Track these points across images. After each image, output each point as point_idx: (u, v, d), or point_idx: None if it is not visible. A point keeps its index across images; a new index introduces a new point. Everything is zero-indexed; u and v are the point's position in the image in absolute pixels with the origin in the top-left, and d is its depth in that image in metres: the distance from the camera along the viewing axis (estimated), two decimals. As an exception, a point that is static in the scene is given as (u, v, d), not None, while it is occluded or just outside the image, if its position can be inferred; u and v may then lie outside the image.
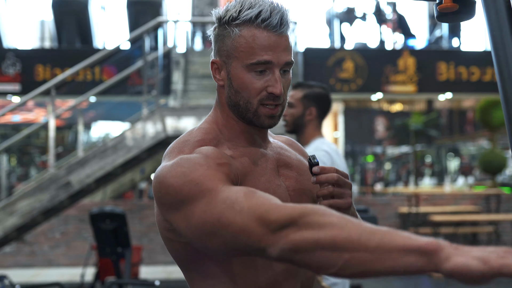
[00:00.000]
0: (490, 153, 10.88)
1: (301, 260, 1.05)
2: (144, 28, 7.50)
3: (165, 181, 1.24)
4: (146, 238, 9.26)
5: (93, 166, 6.48)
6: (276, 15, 1.30)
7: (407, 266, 0.95)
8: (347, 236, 1.00)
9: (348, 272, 1.01)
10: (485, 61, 10.71)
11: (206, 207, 1.17)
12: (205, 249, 1.24)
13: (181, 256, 1.35)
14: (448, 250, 0.93)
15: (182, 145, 1.34)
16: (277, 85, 1.32)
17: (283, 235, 1.06)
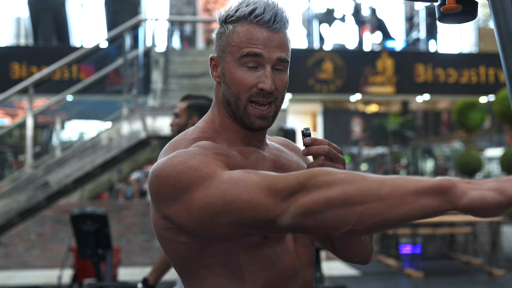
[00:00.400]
0: (467, 154, 11.00)
1: (314, 223, 1.01)
2: (124, 27, 7.42)
3: (162, 172, 1.21)
4: (124, 239, 9.16)
5: (72, 166, 6.38)
6: (270, 12, 1.30)
7: (423, 208, 0.92)
8: (358, 189, 0.97)
9: (364, 226, 0.98)
10: (461, 63, 10.83)
11: (207, 190, 1.13)
12: (210, 236, 1.19)
13: (178, 257, 1.30)
14: (461, 185, 0.91)
15: (178, 143, 1.32)
16: (267, 80, 1.29)
17: (293, 201, 1.03)
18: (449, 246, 9.72)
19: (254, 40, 1.29)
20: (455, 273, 8.65)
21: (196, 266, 1.29)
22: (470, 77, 10.74)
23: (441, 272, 8.71)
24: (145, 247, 9.12)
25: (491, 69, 10.78)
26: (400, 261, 9.09)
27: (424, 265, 8.71)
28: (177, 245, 1.28)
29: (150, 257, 9.07)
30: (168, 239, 1.28)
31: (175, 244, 1.28)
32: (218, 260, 1.27)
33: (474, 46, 11.76)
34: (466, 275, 8.46)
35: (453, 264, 9.22)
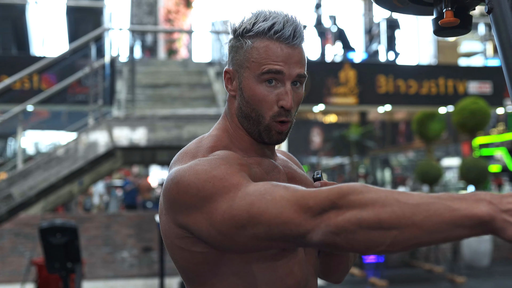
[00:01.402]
0: (427, 164, 11.21)
1: (346, 242, 1.02)
2: (89, 36, 7.33)
3: (184, 180, 1.19)
4: (87, 252, 8.98)
5: (37, 178, 6.24)
6: (289, 27, 1.30)
7: (459, 236, 0.94)
8: (391, 213, 0.98)
9: (398, 248, 0.99)
10: (421, 75, 11.06)
11: (232, 201, 1.13)
12: (233, 248, 1.18)
13: (192, 267, 1.28)
14: (500, 217, 0.91)
15: (194, 151, 1.31)
16: (287, 98, 1.31)
17: (324, 219, 1.03)
18: (411, 254, 9.87)
19: (274, 57, 1.30)
20: (418, 281, 8.78)
21: (210, 276, 1.27)
22: (430, 88, 10.98)
23: (405, 280, 8.84)
24: (108, 260, 8.97)
25: (450, 81, 11.05)
26: (364, 270, 9.18)
27: (387, 273, 8.82)
28: (192, 255, 1.26)
29: (114, 270, 8.93)
30: (182, 249, 1.26)
31: (190, 254, 1.26)
32: (233, 270, 1.26)
33: (433, 58, 12.04)
34: (429, 283, 8.60)
35: (416, 272, 9.36)
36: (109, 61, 8.22)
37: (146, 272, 8.85)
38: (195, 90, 9.67)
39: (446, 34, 1.51)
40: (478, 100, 10.36)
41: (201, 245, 1.23)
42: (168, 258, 8.30)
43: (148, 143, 7.15)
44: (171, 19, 15.74)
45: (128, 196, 14.19)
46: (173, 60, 13.85)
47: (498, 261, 9.97)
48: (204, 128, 7.26)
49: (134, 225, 8.85)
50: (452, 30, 1.46)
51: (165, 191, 1.24)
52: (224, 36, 9.78)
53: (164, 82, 9.67)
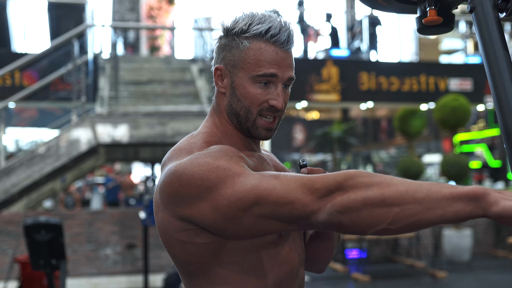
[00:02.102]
0: (408, 160, 11.31)
1: (350, 220, 1.06)
2: (72, 33, 7.29)
3: (186, 172, 1.22)
4: (70, 249, 8.92)
5: (20, 175, 6.20)
6: (285, 32, 1.36)
7: (457, 213, 0.98)
8: (395, 191, 1.02)
9: (398, 226, 1.02)
10: (403, 72, 11.15)
11: (237, 185, 1.17)
12: (237, 232, 1.21)
13: (193, 258, 1.31)
14: (494, 194, 0.97)
15: (188, 147, 1.34)
16: (279, 99, 1.37)
17: (330, 199, 1.07)
18: (393, 250, 9.97)
19: (270, 60, 1.35)
20: (399, 276, 8.87)
21: (211, 267, 1.31)
22: (412, 85, 11.07)
23: (387, 275, 8.92)
24: (92, 257, 8.93)
25: (431, 78, 11.15)
26: (347, 265, 9.25)
27: (370, 269, 8.90)
28: (194, 246, 1.29)
29: (97, 267, 8.89)
30: (184, 242, 1.29)
31: (193, 245, 1.29)
32: (233, 259, 1.30)
33: (414, 55, 12.14)
34: (410, 278, 8.69)
35: (398, 267, 9.45)
36: (92, 58, 8.18)
37: (130, 269, 8.83)
38: (178, 87, 9.66)
39: (429, 32, 1.54)
40: (459, 97, 10.47)
41: (204, 235, 1.27)
42: (152, 255, 8.30)
43: (131, 139, 7.14)
44: (154, 15, 15.68)
45: (110, 193, 14.14)
46: (155, 57, 13.81)
47: (478, 256, 10.11)
48: (187, 125, 7.27)
49: (117, 222, 8.82)
50: (435, 29, 1.49)
51: (164, 186, 1.27)
52: (207, 33, 9.78)
53: (147, 79, 9.65)
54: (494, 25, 1.35)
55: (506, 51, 1.33)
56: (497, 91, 1.36)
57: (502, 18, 1.36)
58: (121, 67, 9.50)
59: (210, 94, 8.90)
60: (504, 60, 1.31)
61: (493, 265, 9.37)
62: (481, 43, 1.38)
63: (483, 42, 1.37)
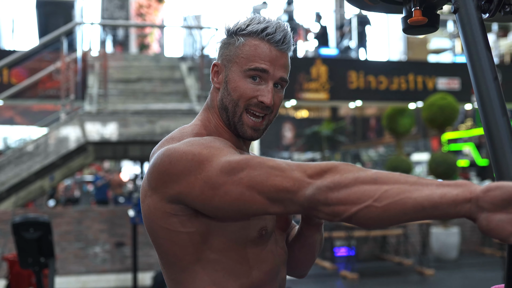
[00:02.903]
0: (397, 158, 11.38)
1: (336, 197, 1.06)
2: (61, 30, 7.26)
3: (178, 150, 1.24)
4: (58, 247, 8.90)
5: (8, 173, 6.18)
6: (281, 33, 1.39)
7: (443, 194, 0.98)
8: (388, 174, 1.05)
9: (384, 203, 1.02)
10: (392, 71, 11.19)
11: (230, 157, 1.19)
12: (221, 204, 1.19)
13: (176, 250, 1.31)
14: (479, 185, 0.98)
15: (180, 135, 1.36)
16: (268, 95, 1.38)
17: (321, 177, 1.09)
18: (382, 247, 10.02)
19: (263, 56, 1.38)
20: (388, 273, 8.92)
21: (192, 261, 1.32)
22: (400, 84, 11.12)
23: (375, 273, 8.97)
24: (80, 255, 8.91)
25: (420, 77, 11.21)
26: (335, 263, 9.29)
27: (358, 266, 8.94)
28: (178, 235, 1.30)
29: (86, 265, 8.88)
30: (168, 230, 1.30)
31: (176, 235, 1.29)
32: (215, 256, 1.31)
33: (403, 55, 12.20)
34: (398, 275, 8.74)
35: (386, 265, 9.51)
36: (80, 56, 8.15)
37: (119, 267, 8.82)
38: (167, 85, 9.65)
39: (414, 32, 1.57)
40: (446, 96, 10.53)
41: (189, 224, 1.28)
42: (141, 253, 8.30)
43: (120, 137, 7.13)
44: (143, 13, 15.63)
45: (99, 191, 14.10)
46: (145, 55, 13.77)
47: (466, 254, 10.19)
48: (177, 123, 7.27)
49: (106, 220, 8.81)
50: (420, 29, 1.51)
51: (153, 169, 1.28)
52: (197, 31, 9.77)
53: (136, 77, 9.63)
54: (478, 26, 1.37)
55: (489, 52, 1.34)
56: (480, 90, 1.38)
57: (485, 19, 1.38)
58: (110, 65, 9.47)
59: (199, 92, 8.89)
60: (487, 60, 1.33)
61: (480, 263, 9.44)
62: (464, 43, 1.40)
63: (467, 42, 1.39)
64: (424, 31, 1.54)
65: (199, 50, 9.21)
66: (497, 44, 13.12)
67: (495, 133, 1.18)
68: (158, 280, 7.04)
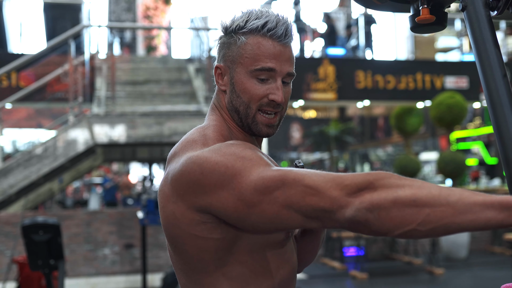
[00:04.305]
0: (405, 158, 11.34)
1: (377, 219, 1.03)
2: (68, 33, 7.29)
3: (210, 160, 1.20)
4: (68, 249, 8.93)
5: (17, 176, 6.21)
6: (282, 26, 1.36)
7: (488, 220, 0.96)
8: (428, 193, 1.00)
9: (427, 228, 1.00)
10: (399, 70, 11.16)
11: (264, 172, 1.15)
12: (255, 221, 1.17)
13: (201, 256, 1.28)
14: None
15: (203, 139, 1.32)
16: (278, 92, 1.36)
17: (359, 196, 1.05)
18: (391, 247, 9.99)
19: (267, 54, 1.34)
20: (397, 273, 8.88)
21: (219, 266, 1.29)
22: (408, 83, 11.08)
23: (385, 272, 8.94)
24: (90, 257, 8.93)
25: (427, 76, 11.16)
26: (344, 263, 9.27)
27: (368, 266, 8.91)
28: (206, 242, 1.27)
29: (95, 267, 8.90)
30: (196, 236, 1.27)
31: (204, 241, 1.27)
32: (241, 259, 1.29)
33: (410, 54, 12.16)
34: (408, 275, 8.71)
35: (396, 264, 9.47)
36: (88, 58, 8.18)
37: (128, 269, 8.84)
38: (175, 87, 9.66)
39: (422, 31, 1.55)
40: (455, 95, 10.49)
41: (218, 231, 1.25)
42: (150, 255, 8.31)
43: (128, 139, 7.14)
44: (150, 15, 15.67)
45: (107, 193, 14.13)
46: (152, 56, 13.80)
47: (476, 253, 10.13)
48: (184, 124, 7.27)
49: (115, 222, 8.83)
50: (428, 27, 1.49)
51: (181, 176, 1.24)
52: (204, 33, 9.79)
53: (143, 79, 9.65)
54: (486, 24, 1.36)
55: (498, 49, 1.33)
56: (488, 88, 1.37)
57: (494, 17, 1.37)
58: (117, 67, 9.49)
59: (207, 94, 8.90)
60: (495, 58, 1.32)
61: (490, 262, 9.39)
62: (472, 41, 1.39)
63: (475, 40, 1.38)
64: (432, 29, 1.53)
65: (206, 51, 9.21)
66: (505, 42, 13.05)
67: (505, 131, 1.17)
68: (168, 281, 7.04)
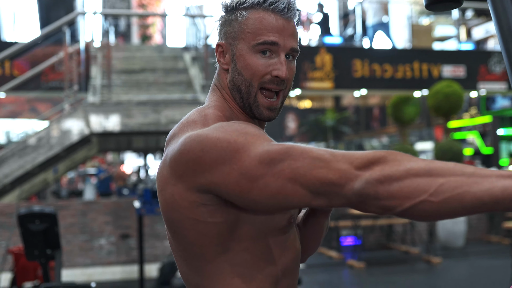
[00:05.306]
0: (402, 147, 11.30)
1: (387, 190, 0.98)
2: (62, 21, 7.20)
3: (211, 136, 1.14)
4: (64, 239, 8.86)
5: (12, 165, 6.13)
6: (284, 0, 1.30)
7: (505, 188, 0.90)
8: (443, 164, 0.96)
9: (441, 198, 0.94)
10: (396, 59, 11.11)
11: (269, 146, 1.10)
12: (258, 197, 1.11)
13: (201, 241, 1.23)
14: None
15: (203, 119, 1.26)
16: (282, 68, 1.29)
17: (370, 169, 1.00)
18: (388, 236, 9.98)
19: (270, 27, 1.29)
20: (395, 262, 8.88)
21: (219, 252, 1.24)
22: (405, 72, 11.04)
23: (382, 262, 8.94)
24: (86, 248, 8.87)
25: (425, 64, 11.13)
26: (342, 252, 9.26)
27: (365, 255, 8.91)
28: (206, 226, 1.21)
29: (91, 257, 8.85)
30: (196, 220, 1.21)
31: (205, 225, 1.21)
32: (242, 246, 1.25)
33: (407, 42, 12.11)
34: (405, 264, 8.71)
35: (393, 254, 9.47)
36: (83, 47, 8.08)
37: (125, 259, 8.79)
38: (171, 75, 9.59)
39: (438, 8, 1.49)
40: (452, 84, 10.45)
41: (218, 214, 1.20)
42: (147, 245, 8.26)
43: (124, 128, 7.07)
44: (145, 4, 15.55)
45: (102, 184, 14.08)
46: (148, 45, 13.70)
47: (473, 242, 10.14)
48: (182, 112, 7.20)
49: (111, 212, 8.76)
50: (444, 4, 1.45)
51: (180, 155, 1.18)
52: (200, 20, 9.70)
53: (139, 68, 9.57)
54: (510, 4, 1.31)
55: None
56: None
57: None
58: (113, 56, 9.40)
59: (204, 82, 8.83)
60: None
61: (487, 251, 9.41)
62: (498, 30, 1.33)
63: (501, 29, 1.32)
64: (448, 6, 1.47)
65: (203, 39, 9.13)
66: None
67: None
68: (165, 271, 7.00)
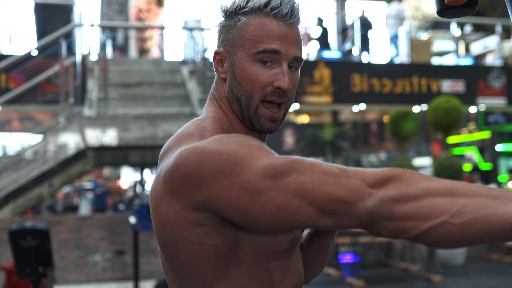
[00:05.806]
0: (400, 163, 11.22)
1: (403, 210, 0.89)
2: (59, 33, 7.13)
3: (210, 148, 1.05)
4: (57, 255, 8.72)
5: (5, 179, 6.01)
6: (287, 5, 1.21)
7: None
8: (464, 185, 0.88)
9: (462, 220, 0.85)
10: (395, 74, 11.07)
11: (273, 159, 1.01)
12: (259, 213, 1.00)
13: (198, 265, 1.13)
14: None
15: (200, 131, 1.17)
16: (284, 78, 1.20)
17: (383, 186, 0.92)
18: (387, 254, 9.85)
19: (271, 35, 1.20)
20: (394, 280, 8.76)
21: (216, 277, 1.14)
22: (404, 87, 10.99)
23: (381, 280, 8.81)
24: (80, 264, 8.73)
25: (424, 79, 11.09)
26: (340, 270, 9.12)
27: (364, 273, 8.78)
28: (203, 248, 1.11)
29: (85, 274, 8.70)
30: (192, 242, 1.11)
31: (201, 247, 1.11)
32: (242, 270, 1.14)
33: (406, 57, 12.08)
34: (405, 282, 8.59)
35: (392, 271, 9.34)
36: (80, 59, 8.00)
37: (119, 276, 8.65)
38: (169, 89, 9.51)
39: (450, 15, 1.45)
40: (451, 99, 10.40)
41: (215, 235, 1.10)
42: (142, 261, 8.12)
43: (121, 142, 6.97)
44: (143, 18, 15.52)
45: (98, 199, 13.94)
46: (145, 59, 13.65)
47: (473, 260, 10.04)
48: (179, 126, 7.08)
49: (106, 227, 8.64)
50: (457, 10, 1.37)
51: (174, 170, 1.09)
52: (198, 34, 9.64)
53: (136, 81, 9.49)
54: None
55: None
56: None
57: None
58: (110, 69, 9.33)
59: (201, 96, 8.74)
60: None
61: (487, 269, 9.31)
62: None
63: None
64: (462, 12, 1.42)
65: (201, 52, 9.06)
66: (500, 46, 12.99)
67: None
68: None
